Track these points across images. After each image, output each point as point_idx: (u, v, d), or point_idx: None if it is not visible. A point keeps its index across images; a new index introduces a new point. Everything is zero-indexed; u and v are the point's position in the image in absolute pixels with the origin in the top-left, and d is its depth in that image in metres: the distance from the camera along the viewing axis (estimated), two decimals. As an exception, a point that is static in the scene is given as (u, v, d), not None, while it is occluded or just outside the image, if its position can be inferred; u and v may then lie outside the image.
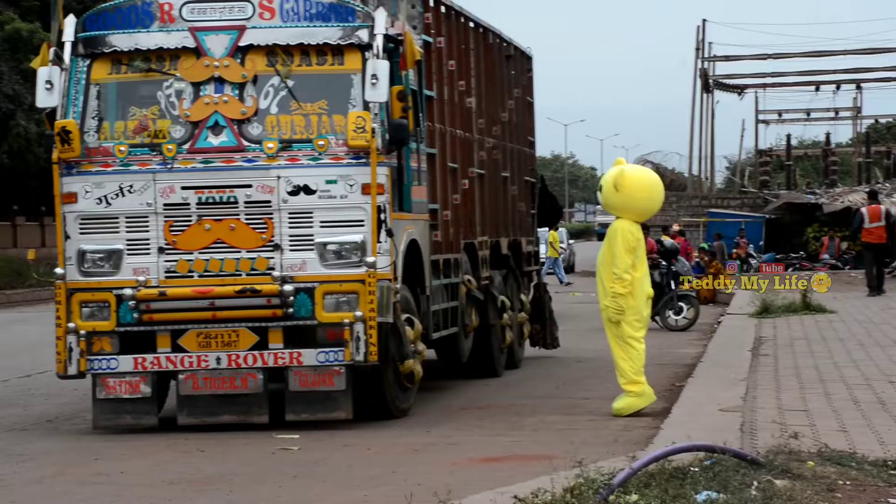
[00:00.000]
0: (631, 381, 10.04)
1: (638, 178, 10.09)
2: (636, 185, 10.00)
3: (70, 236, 9.75)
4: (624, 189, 9.91)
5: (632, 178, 10.01)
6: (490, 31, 13.68)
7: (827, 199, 38.92)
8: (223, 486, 7.63)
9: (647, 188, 10.07)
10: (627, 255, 9.87)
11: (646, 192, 10.04)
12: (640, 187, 10.02)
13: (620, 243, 9.87)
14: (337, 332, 9.61)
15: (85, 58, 9.87)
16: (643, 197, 10.03)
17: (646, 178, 10.19)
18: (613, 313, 9.93)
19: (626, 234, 9.89)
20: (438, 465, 8.12)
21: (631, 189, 9.94)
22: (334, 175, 9.69)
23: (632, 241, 9.91)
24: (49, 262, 17.82)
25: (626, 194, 9.93)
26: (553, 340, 14.89)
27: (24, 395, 12.29)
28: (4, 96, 38.96)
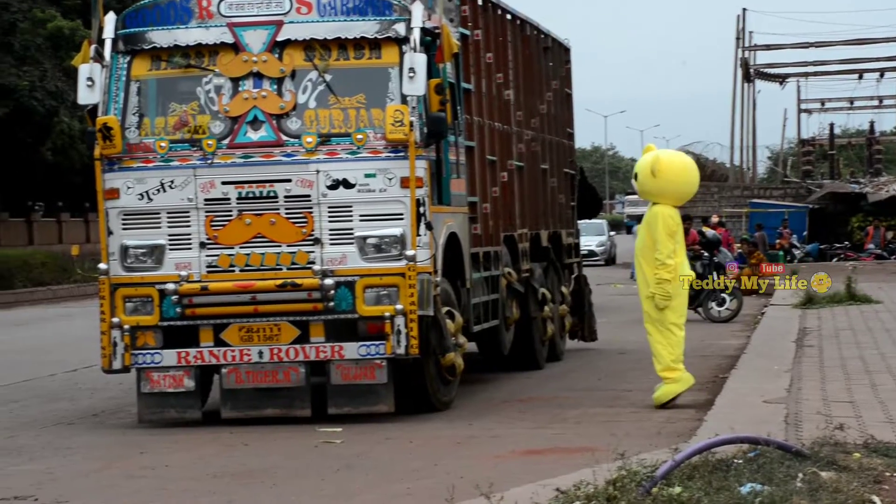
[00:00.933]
0: (668, 367, 10.01)
1: (674, 163, 10.10)
2: (673, 170, 9.99)
3: (113, 232, 9.82)
4: (661, 174, 9.90)
5: (668, 163, 10.02)
6: (527, 23, 13.65)
7: (871, 189, 38.56)
8: (266, 480, 7.67)
9: (683, 171, 10.09)
10: (669, 240, 9.87)
11: (683, 176, 10.06)
12: (677, 171, 10.02)
13: (662, 228, 9.85)
14: (378, 326, 9.63)
15: (125, 54, 9.94)
16: (681, 181, 10.03)
17: (682, 161, 10.23)
18: (661, 300, 9.91)
19: (666, 219, 9.88)
20: (480, 458, 8.12)
21: (668, 173, 9.93)
22: (373, 169, 9.70)
23: (672, 225, 9.92)
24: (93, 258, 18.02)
25: (663, 179, 9.92)
26: (591, 333, 14.85)
27: (70, 389, 12.42)
28: (48, 94, 39.33)
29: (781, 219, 37.16)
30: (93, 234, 45.40)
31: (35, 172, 41.66)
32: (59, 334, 19.39)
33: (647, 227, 10.03)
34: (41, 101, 38.81)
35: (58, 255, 33.13)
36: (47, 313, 24.70)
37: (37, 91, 38.81)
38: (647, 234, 9.99)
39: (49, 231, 45.13)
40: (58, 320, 22.60)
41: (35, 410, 11.05)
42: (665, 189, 9.96)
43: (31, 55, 39.96)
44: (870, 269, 28.70)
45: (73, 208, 48.35)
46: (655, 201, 10.03)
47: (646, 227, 10.06)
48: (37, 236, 43.79)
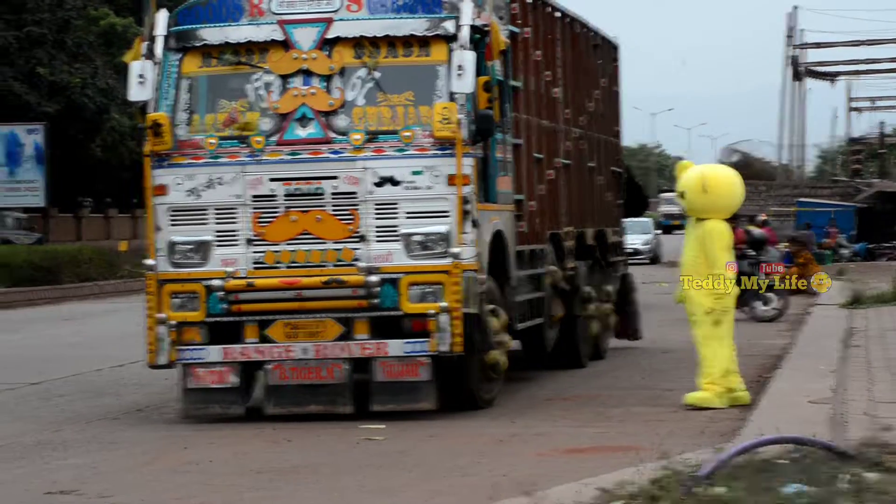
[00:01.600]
0: (714, 381, 9.90)
1: (724, 177, 10.17)
2: (724, 185, 10.07)
3: (161, 228, 9.89)
4: (712, 189, 9.96)
5: (718, 178, 10.09)
6: (576, 21, 13.61)
7: (921, 188, 38.12)
8: (310, 476, 7.70)
9: (733, 185, 10.17)
10: (728, 255, 9.96)
11: (733, 189, 10.14)
12: (728, 185, 10.10)
13: (719, 244, 9.90)
14: (422, 323, 9.64)
15: (176, 51, 10.00)
16: (732, 194, 10.13)
17: (730, 175, 10.29)
18: (721, 314, 9.94)
19: (723, 234, 9.98)
20: (523, 456, 8.11)
21: (719, 188, 10.00)
22: (420, 166, 9.71)
23: (729, 240, 10.05)
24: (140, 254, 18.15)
25: (715, 194, 9.98)
26: (635, 332, 14.79)
27: (116, 384, 12.52)
28: (98, 91, 39.70)
29: (828, 218, 36.84)
30: (140, 230, 45.78)
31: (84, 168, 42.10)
32: (105, 329, 19.56)
33: (699, 243, 9.97)
34: (92, 98, 39.20)
35: (105, 251, 33.43)
36: (94, 308, 24.92)
37: (88, 88, 39.20)
38: (700, 251, 9.95)
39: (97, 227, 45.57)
40: (104, 315, 22.80)
41: (81, 405, 11.15)
42: (717, 204, 10.02)
43: (83, 52, 40.38)
44: (919, 270, 28.34)
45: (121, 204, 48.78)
46: (705, 217, 10.01)
47: (698, 243, 9.98)
48: (85, 232, 44.25)
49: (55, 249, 31.49)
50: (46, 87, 38.80)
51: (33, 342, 17.61)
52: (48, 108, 38.38)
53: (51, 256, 29.88)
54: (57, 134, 37.74)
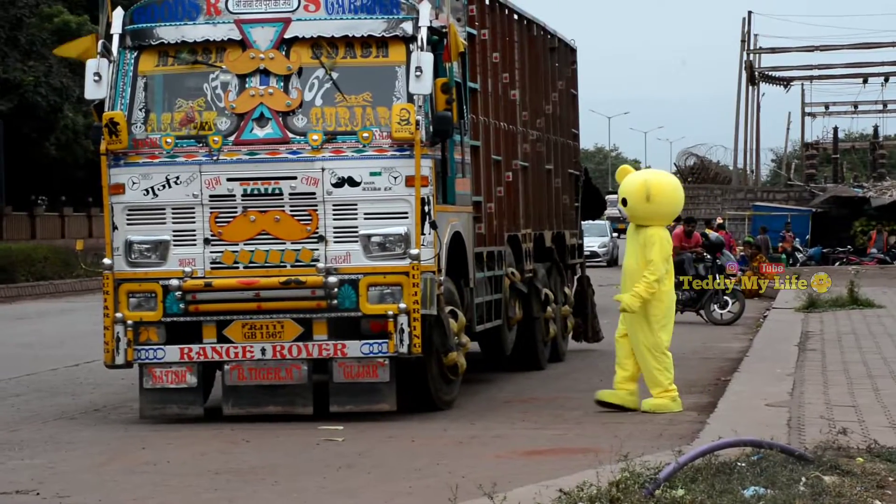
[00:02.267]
0: (667, 389, 9.91)
1: (667, 185, 10.10)
2: (667, 192, 10.00)
3: (118, 227, 9.82)
4: (655, 198, 9.87)
5: (661, 186, 10.00)
6: (534, 23, 13.65)
7: (875, 193, 38.54)
8: (268, 477, 7.67)
9: (675, 192, 10.12)
10: (665, 264, 9.89)
11: (675, 196, 10.10)
12: (670, 193, 10.04)
13: (659, 251, 9.81)
14: (381, 324, 9.64)
15: (132, 50, 9.94)
16: (674, 201, 10.08)
17: (673, 183, 10.24)
18: (629, 306, 9.76)
19: (664, 242, 9.91)
20: (483, 458, 8.12)
21: (663, 196, 9.92)
22: (378, 167, 9.70)
23: (669, 249, 9.97)
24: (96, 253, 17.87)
25: (658, 202, 9.90)
26: (595, 334, 14.85)
27: (72, 383, 12.42)
28: (52, 89, 39.34)
29: (784, 222, 37.15)
30: (95, 229, 45.45)
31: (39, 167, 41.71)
32: (60, 329, 19.40)
33: (641, 249, 9.84)
34: (45, 97, 38.84)
35: (60, 250, 33.14)
36: (49, 308, 24.71)
37: (41, 86, 38.83)
38: (642, 257, 9.82)
39: (52, 225, 45.09)
40: (60, 315, 22.61)
41: (37, 405, 11.05)
42: (659, 212, 9.97)
43: (36, 50, 39.98)
44: (872, 274, 28.68)
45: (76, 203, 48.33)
46: (648, 224, 9.91)
47: (640, 249, 9.85)
48: (39, 231, 43.78)
49: (9, 248, 31.17)
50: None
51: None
52: (1, 106, 38.01)
53: (5, 255, 29.58)
54: (10, 132, 37.36)
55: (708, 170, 45.25)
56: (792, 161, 54.44)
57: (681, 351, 14.95)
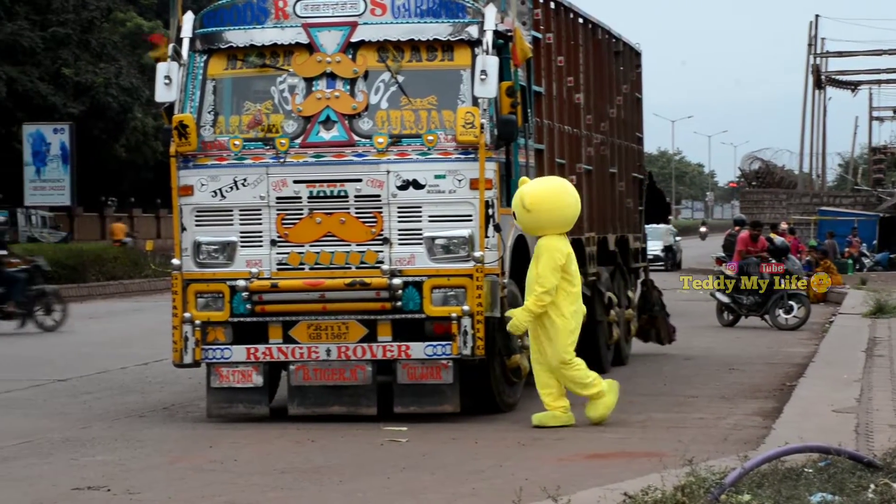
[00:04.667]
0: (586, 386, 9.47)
1: (541, 191, 9.46)
2: (543, 199, 9.41)
3: (186, 228, 9.96)
4: (533, 207, 9.37)
5: (535, 194, 9.44)
6: (599, 27, 13.65)
7: (944, 198, 37.94)
8: (334, 476, 7.75)
9: (553, 197, 9.43)
10: (553, 275, 9.30)
11: (555, 202, 9.41)
12: (546, 199, 9.42)
13: (546, 262, 9.33)
14: (444, 326, 9.69)
15: (202, 53, 10.08)
16: (555, 207, 9.39)
17: (548, 188, 9.55)
18: (514, 326, 9.33)
19: (552, 251, 9.37)
20: (546, 460, 8.15)
21: (539, 205, 9.37)
22: (443, 170, 9.76)
23: (559, 258, 9.34)
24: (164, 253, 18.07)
25: (537, 211, 9.38)
26: (668, 336, 14.83)
27: (141, 382, 12.61)
28: (122, 90, 39.89)
29: (851, 227, 36.71)
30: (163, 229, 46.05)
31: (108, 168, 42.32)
32: (130, 328, 19.68)
33: (535, 259, 9.51)
34: (116, 98, 39.43)
35: (130, 250, 33.57)
36: (119, 307, 25.06)
37: (112, 88, 39.42)
38: (534, 267, 9.47)
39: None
40: (129, 314, 22.93)
41: (107, 402, 11.24)
42: (542, 221, 9.39)
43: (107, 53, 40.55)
44: (942, 280, 28.22)
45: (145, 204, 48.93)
46: (541, 234, 9.50)
47: (534, 259, 9.53)
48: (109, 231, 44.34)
49: (80, 248, 31.65)
50: (72, 87, 39.07)
51: (59, 339, 17.73)
52: (73, 108, 38.63)
53: (76, 255, 30.03)
54: (82, 134, 37.97)
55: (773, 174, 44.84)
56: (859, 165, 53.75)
57: (746, 356, 14.88)
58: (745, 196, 43.66)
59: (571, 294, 9.49)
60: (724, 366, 13.72)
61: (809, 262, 26.14)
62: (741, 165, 47.53)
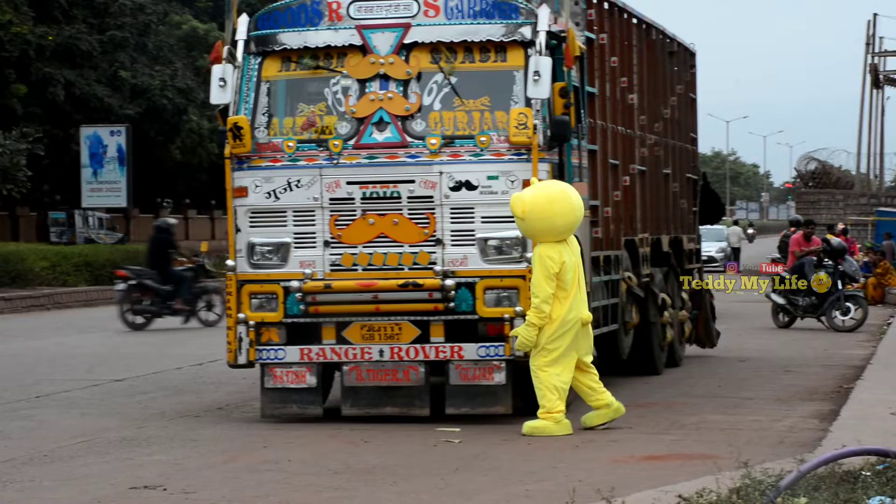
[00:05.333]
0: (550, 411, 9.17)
1: (533, 199, 9.17)
2: (534, 207, 9.17)
3: (240, 229, 10.03)
4: (528, 214, 9.16)
5: (528, 202, 9.19)
6: (653, 27, 13.58)
7: None
8: (387, 477, 7.77)
9: (545, 206, 9.13)
10: (547, 284, 9.08)
11: (546, 211, 9.11)
12: (537, 207, 9.11)
13: (539, 270, 9.15)
14: (497, 327, 9.69)
15: (257, 56, 10.15)
16: (545, 216, 9.11)
17: (541, 195, 9.21)
18: (521, 344, 9.13)
19: (545, 259, 9.12)
20: (599, 462, 8.12)
21: (533, 212, 9.15)
22: (496, 171, 9.76)
23: (552, 266, 9.10)
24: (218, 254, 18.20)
25: (531, 219, 9.12)
26: (711, 339, 14.74)
27: (196, 382, 12.71)
28: (178, 92, 40.26)
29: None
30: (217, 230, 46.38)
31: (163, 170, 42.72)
32: (185, 328, 19.83)
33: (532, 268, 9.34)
34: (171, 100, 39.80)
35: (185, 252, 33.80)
36: (173, 307, 25.21)
37: (168, 90, 39.80)
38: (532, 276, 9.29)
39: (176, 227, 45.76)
40: (183, 314, 23.05)
41: (163, 402, 11.34)
42: (537, 228, 9.16)
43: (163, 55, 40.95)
44: None
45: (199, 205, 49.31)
46: (538, 241, 9.31)
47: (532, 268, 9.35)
48: (186, 241, 44.55)
49: (136, 249, 31.93)
50: (128, 89, 39.48)
51: (116, 340, 17.92)
52: (129, 110, 39.03)
53: (132, 256, 30.29)
54: (138, 136, 38.35)
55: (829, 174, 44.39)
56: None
57: (802, 357, 14.74)
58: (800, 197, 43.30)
59: (562, 301, 9.20)
60: (779, 368, 13.61)
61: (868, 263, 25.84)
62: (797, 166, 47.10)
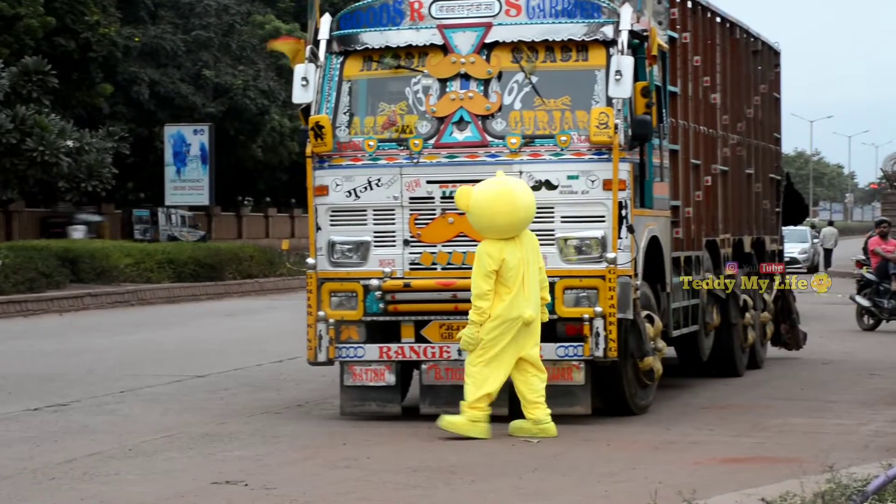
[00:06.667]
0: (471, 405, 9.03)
1: (478, 195, 9.13)
2: (476, 203, 9.12)
3: (321, 228, 10.10)
4: (470, 209, 9.16)
5: (473, 197, 9.12)
6: (737, 26, 13.44)
7: None
8: (466, 476, 7.77)
9: (485, 203, 9.05)
10: (483, 280, 9.01)
11: (485, 208, 9.05)
12: (479, 204, 9.09)
13: (477, 267, 9.09)
14: (576, 327, 9.65)
15: (338, 55, 10.21)
16: (485, 214, 9.06)
17: (484, 192, 9.13)
18: (465, 342, 9.06)
19: (483, 256, 9.08)
20: (679, 464, 8.05)
21: (473, 208, 9.13)
22: (576, 170, 9.72)
23: (490, 264, 9.02)
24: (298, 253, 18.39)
25: (473, 215, 9.15)
26: (797, 341, 14.55)
27: (276, 379, 12.83)
28: (260, 92, 40.69)
29: None
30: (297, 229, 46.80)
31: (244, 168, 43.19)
32: (265, 326, 20.05)
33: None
34: (253, 100, 40.24)
35: (265, 249, 34.23)
36: (254, 305, 25.55)
37: (250, 89, 40.24)
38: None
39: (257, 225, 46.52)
40: (265, 312, 23.36)
41: (244, 399, 11.46)
42: (478, 224, 9.16)
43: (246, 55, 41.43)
44: None
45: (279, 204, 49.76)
46: (482, 237, 9.25)
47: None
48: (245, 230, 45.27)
49: (218, 247, 32.36)
50: (211, 88, 39.99)
51: (198, 336, 18.16)
52: (212, 108, 39.53)
53: (214, 254, 30.71)
54: (220, 134, 38.83)
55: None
56: None
57: (888, 361, 14.49)
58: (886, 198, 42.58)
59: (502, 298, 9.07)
60: (864, 371, 13.40)
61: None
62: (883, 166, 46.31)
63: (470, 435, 9.01)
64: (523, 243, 9.23)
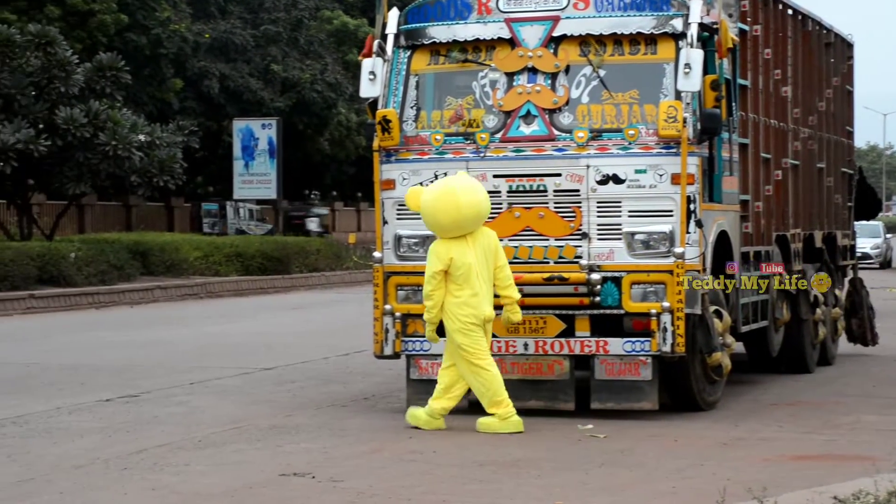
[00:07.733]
0: (493, 403, 9.12)
1: (425, 194, 9.23)
2: (424, 202, 9.18)
3: (388, 221, 10.12)
4: (419, 209, 9.23)
5: (422, 196, 9.21)
6: (809, 18, 13.27)
7: None
8: (532, 471, 7.76)
9: (430, 203, 9.13)
10: (430, 280, 9.09)
11: (430, 207, 9.12)
12: (425, 203, 9.18)
13: (427, 265, 9.17)
14: (644, 322, 9.59)
15: (406, 49, 10.22)
16: (428, 212, 9.15)
17: (432, 191, 9.21)
18: (429, 338, 9.30)
19: (430, 257, 9.16)
20: (748, 461, 7.98)
21: (422, 208, 9.19)
22: (644, 165, 9.65)
23: (436, 264, 9.08)
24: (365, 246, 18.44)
25: (422, 214, 9.25)
26: (873, 337, 14.36)
27: (343, 372, 12.89)
28: (327, 86, 40.91)
29: None
30: (363, 223, 47.00)
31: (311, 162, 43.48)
32: (332, 319, 20.16)
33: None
34: (321, 93, 40.46)
35: (332, 243, 34.41)
36: (321, 298, 25.71)
37: (317, 84, 40.48)
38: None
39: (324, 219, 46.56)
40: (331, 305, 23.49)
41: (311, 391, 11.53)
42: (427, 224, 9.27)
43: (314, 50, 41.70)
44: None
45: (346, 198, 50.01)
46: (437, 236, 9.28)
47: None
48: (313, 224, 45.32)
49: (285, 240, 32.59)
50: (279, 83, 40.28)
51: (265, 329, 18.31)
52: (280, 103, 39.82)
53: (281, 247, 30.94)
54: (287, 128, 39.09)
55: None
56: None
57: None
58: (961, 192, 41.87)
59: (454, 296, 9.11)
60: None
61: None
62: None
63: (426, 428, 9.11)
64: (477, 242, 9.20)
